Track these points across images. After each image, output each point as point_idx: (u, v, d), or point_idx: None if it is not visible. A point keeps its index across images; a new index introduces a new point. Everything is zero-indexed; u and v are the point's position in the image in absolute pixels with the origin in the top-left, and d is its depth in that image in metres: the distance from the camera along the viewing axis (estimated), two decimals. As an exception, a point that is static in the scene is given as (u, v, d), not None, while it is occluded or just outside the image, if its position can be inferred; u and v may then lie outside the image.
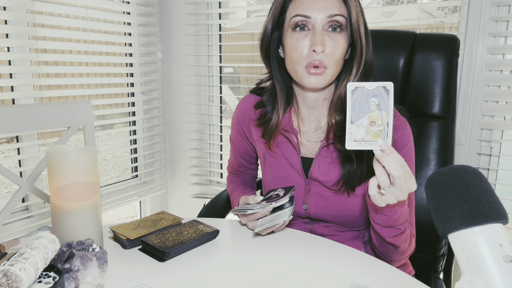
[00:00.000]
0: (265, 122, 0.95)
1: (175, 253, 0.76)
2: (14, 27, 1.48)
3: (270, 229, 0.85)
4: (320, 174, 0.90)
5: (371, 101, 0.67)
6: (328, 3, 0.80)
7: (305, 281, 0.69)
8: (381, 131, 0.67)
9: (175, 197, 2.28)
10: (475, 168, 0.47)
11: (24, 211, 1.61)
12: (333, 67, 0.82)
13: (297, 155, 0.93)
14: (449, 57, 1.12)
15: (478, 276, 0.42)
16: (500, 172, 1.45)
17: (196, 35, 2.05)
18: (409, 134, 0.87)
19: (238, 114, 1.04)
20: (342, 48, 0.81)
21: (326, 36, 0.80)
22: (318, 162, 0.90)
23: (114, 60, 1.89)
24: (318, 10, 0.80)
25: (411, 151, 0.87)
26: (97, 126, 1.83)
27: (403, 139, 0.85)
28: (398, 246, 0.81)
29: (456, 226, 0.44)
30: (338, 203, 0.89)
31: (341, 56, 0.82)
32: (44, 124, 1.10)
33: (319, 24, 0.80)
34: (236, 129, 1.06)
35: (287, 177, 0.94)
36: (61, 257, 0.62)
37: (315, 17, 0.80)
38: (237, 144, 1.09)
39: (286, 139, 0.94)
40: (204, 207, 1.21)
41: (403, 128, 0.86)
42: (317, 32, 0.80)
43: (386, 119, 0.67)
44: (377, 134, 0.68)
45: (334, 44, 0.81)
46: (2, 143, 2.19)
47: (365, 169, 0.85)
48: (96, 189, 0.73)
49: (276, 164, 0.96)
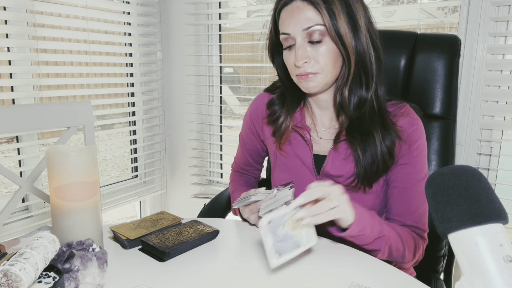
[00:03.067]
0: (275, 120, 0.96)
1: (175, 253, 0.76)
2: (14, 27, 1.48)
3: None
4: (333, 169, 0.90)
5: (284, 218, 0.69)
6: (301, 17, 0.80)
7: (305, 281, 0.69)
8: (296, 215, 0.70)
9: (175, 197, 2.28)
10: (475, 168, 0.47)
11: (24, 211, 1.61)
12: (324, 72, 0.84)
13: (310, 152, 0.93)
14: (450, 58, 1.11)
15: (478, 276, 0.42)
16: (500, 172, 1.45)
17: (196, 35, 2.05)
18: (421, 129, 0.88)
19: (251, 112, 1.05)
20: (326, 55, 0.82)
21: (308, 47, 0.82)
22: (332, 157, 0.90)
23: (114, 60, 1.89)
24: (294, 25, 0.81)
25: (423, 146, 0.88)
26: (97, 126, 1.83)
27: (416, 133, 0.87)
28: (393, 253, 0.83)
29: (456, 226, 0.44)
30: (352, 200, 0.90)
31: (329, 61, 0.83)
32: (44, 124, 1.10)
33: (299, 39, 0.82)
34: (247, 126, 1.07)
35: (298, 174, 0.94)
36: (61, 257, 0.62)
37: (293, 32, 0.82)
38: (246, 141, 1.09)
39: (299, 136, 0.95)
40: (204, 207, 1.21)
41: (415, 124, 0.87)
42: (297, 47, 0.83)
43: (290, 195, 0.77)
44: (297, 221, 0.70)
45: (316, 54, 0.82)
46: (2, 143, 2.19)
47: (381, 164, 0.85)
48: (96, 189, 0.73)
49: (287, 162, 0.96)
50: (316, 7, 0.79)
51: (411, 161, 0.87)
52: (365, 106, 0.85)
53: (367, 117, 0.86)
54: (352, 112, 0.86)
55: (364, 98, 0.85)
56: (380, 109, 0.87)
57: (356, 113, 0.86)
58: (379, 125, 0.86)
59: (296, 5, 0.81)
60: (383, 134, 0.85)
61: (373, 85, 0.85)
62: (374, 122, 0.86)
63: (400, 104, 0.91)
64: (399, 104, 0.91)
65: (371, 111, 0.86)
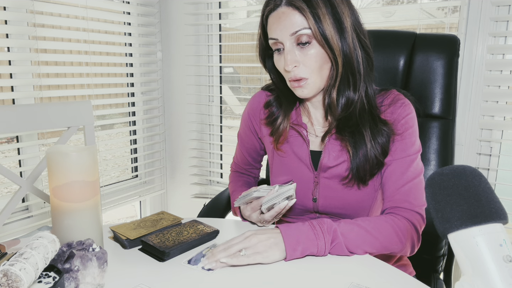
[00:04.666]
0: (273, 121, 0.98)
1: (175, 253, 0.76)
2: (14, 27, 1.48)
3: (276, 213, 0.86)
4: (330, 161, 0.90)
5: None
6: (288, 22, 0.81)
7: (305, 280, 0.69)
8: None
9: (175, 197, 2.28)
10: (475, 168, 0.47)
11: (24, 211, 1.61)
12: (314, 76, 0.84)
13: (306, 148, 0.94)
14: (449, 57, 1.12)
15: (478, 276, 0.42)
16: (500, 172, 1.45)
17: (196, 35, 2.05)
18: (408, 107, 0.89)
19: (249, 110, 1.06)
20: (314, 59, 0.83)
21: (297, 51, 0.83)
22: (328, 150, 0.91)
23: (114, 60, 1.89)
24: (281, 31, 0.82)
25: (411, 122, 0.89)
26: (97, 126, 1.83)
27: (403, 112, 0.88)
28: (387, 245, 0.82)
29: (456, 226, 0.44)
30: (347, 196, 0.90)
31: (316, 65, 0.84)
32: (44, 124, 1.10)
33: (287, 43, 0.83)
34: (246, 124, 1.07)
35: (295, 171, 0.95)
36: (61, 257, 0.62)
37: (281, 37, 0.83)
38: (245, 140, 1.10)
39: (296, 132, 0.95)
40: (204, 207, 1.21)
41: (401, 106, 0.89)
42: (286, 52, 0.84)
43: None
44: None
45: (304, 58, 0.83)
46: (2, 143, 2.19)
47: (373, 162, 0.86)
48: (96, 189, 0.73)
49: (284, 160, 0.97)
50: (301, 12, 0.80)
51: (401, 137, 0.88)
52: (353, 106, 0.86)
53: (356, 116, 0.87)
54: (340, 113, 0.88)
55: (351, 99, 0.86)
56: (370, 108, 0.88)
57: (343, 114, 0.87)
58: (369, 123, 0.86)
59: (282, 11, 0.82)
60: (374, 132, 0.86)
61: (361, 85, 0.86)
62: (364, 121, 0.86)
63: (387, 93, 0.92)
64: (386, 92, 0.92)
65: (361, 110, 0.87)
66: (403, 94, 0.92)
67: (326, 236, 0.77)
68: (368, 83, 0.88)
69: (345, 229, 0.79)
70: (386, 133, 0.87)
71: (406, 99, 0.91)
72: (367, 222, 0.82)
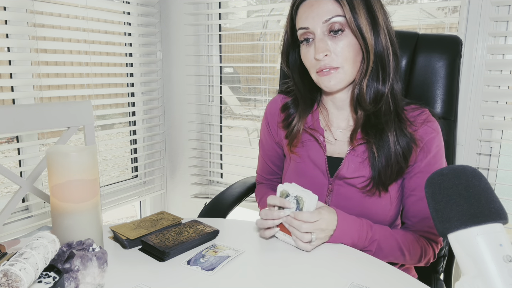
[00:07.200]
0: (289, 124, 0.96)
1: (175, 253, 0.76)
2: (14, 27, 1.48)
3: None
4: (349, 172, 0.88)
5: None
6: (321, 9, 0.80)
7: (305, 281, 0.69)
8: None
9: (175, 197, 2.28)
10: (475, 168, 0.47)
11: (24, 211, 1.61)
12: (346, 65, 0.83)
13: (323, 153, 0.92)
14: (451, 58, 1.11)
15: (478, 276, 0.42)
16: (500, 172, 1.45)
17: (196, 35, 2.05)
18: (439, 139, 0.88)
19: (267, 114, 1.05)
20: (346, 49, 0.81)
21: (329, 41, 0.82)
22: (348, 160, 0.89)
23: (114, 60, 1.89)
24: (313, 19, 0.81)
25: (440, 155, 0.88)
26: (97, 126, 1.83)
27: (433, 142, 0.87)
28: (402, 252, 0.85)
29: (456, 226, 0.44)
30: (366, 204, 0.88)
31: (349, 55, 0.82)
32: (44, 124, 1.10)
33: (318, 31, 0.82)
34: (265, 130, 1.06)
35: (309, 176, 0.93)
36: (61, 257, 0.62)
37: (313, 26, 0.82)
38: (266, 147, 1.09)
39: (312, 137, 0.94)
40: (205, 207, 1.21)
41: (433, 132, 0.87)
42: (317, 40, 0.82)
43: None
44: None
45: (336, 47, 0.82)
46: (2, 143, 2.19)
47: (395, 167, 0.85)
48: (96, 189, 0.73)
49: (299, 165, 0.95)
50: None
51: (429, 170, 0.86)
52: (382, 101, 0.85)
53: (382, 114, 0.85)
54: (369, 106, 0.85)
55: (380, 92, 0.85)
56: (396, 107, 0.86)
57: (372, 108, 0.85)
58: (394, 124, 0.85)
59: None
60: (398, 134, 0.84)
61: (389, 81, 0.85)
62: (389, 121, 0.85)
63: (421, 110, 0.89)
64: (420, 109, 0.90)
65: (386, 109, 0.85)
66: (433, 115, 0.90)
67: (366, 242, 0.83)
68: (395, 81, 0.86)
69: (381, 238, 0.84)
70: (409, 140, 0.85)
71: (438, 127, 0.88)
72: (403, 237, 0.86)
